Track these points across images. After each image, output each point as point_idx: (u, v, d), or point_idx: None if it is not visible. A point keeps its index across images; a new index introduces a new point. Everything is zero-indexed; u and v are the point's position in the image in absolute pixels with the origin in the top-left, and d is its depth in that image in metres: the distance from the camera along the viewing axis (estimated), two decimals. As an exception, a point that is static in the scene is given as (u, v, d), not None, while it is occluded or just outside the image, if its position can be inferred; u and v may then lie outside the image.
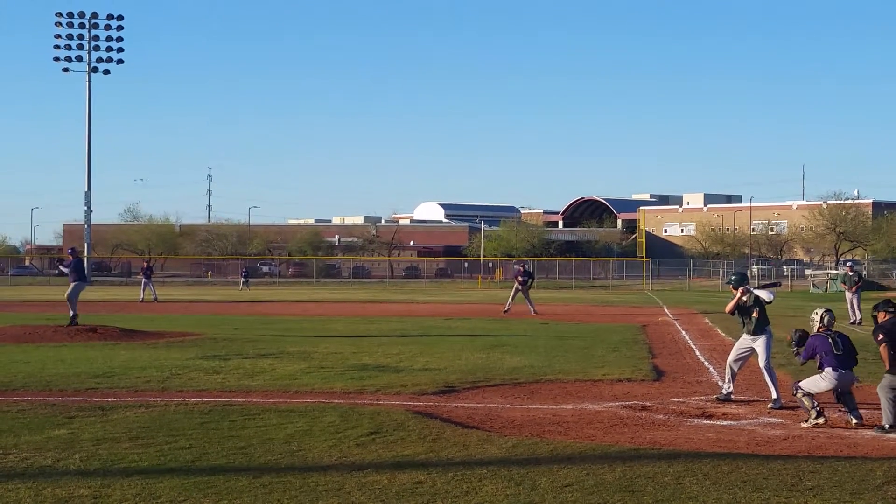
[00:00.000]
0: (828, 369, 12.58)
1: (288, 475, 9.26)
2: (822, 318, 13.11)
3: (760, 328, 14.45)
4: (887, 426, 11.90)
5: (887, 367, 12.02)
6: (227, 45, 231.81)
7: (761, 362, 14.36)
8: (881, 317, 12.47)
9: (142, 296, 48.19)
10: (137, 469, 9.44)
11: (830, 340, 12.75)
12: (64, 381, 15.59)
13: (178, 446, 10.49)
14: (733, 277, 15.06)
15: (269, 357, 19.40)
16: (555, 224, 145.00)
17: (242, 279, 71.07)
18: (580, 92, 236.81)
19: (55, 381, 15.68)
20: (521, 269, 38.16)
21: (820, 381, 12.62)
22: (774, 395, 13.97)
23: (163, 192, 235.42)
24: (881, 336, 12.11)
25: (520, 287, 37.03)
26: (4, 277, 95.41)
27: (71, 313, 25.16)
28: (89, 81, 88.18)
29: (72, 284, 25.92)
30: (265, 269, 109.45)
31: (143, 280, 49.55)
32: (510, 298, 37.52)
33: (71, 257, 27.18)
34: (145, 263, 54.69)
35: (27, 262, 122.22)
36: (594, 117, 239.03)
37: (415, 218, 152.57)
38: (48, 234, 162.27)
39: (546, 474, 9.37)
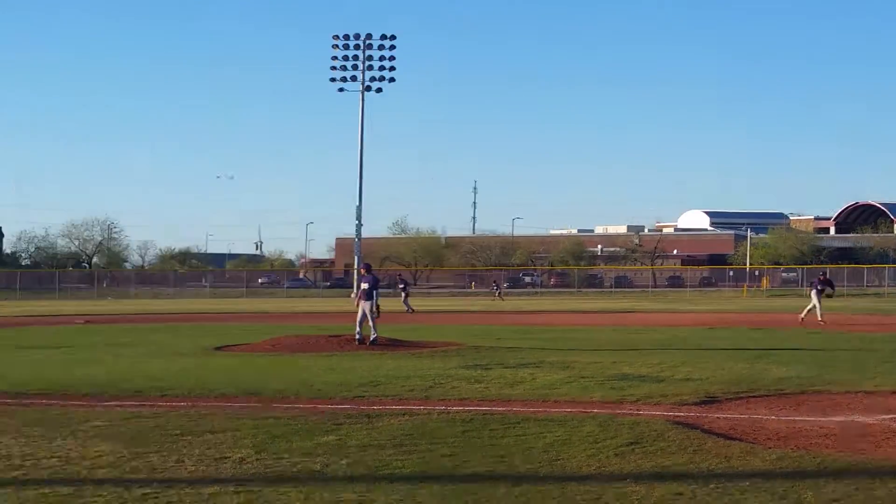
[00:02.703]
0: None
1: (546, 484, 9.29)
2: None
3: None
4: None
5: None
6: (490, 57, 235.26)
7: None
8: None
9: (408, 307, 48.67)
10: (401, 475, 9.68)
11: None
12: (333, 390, 16.17)
13: (439, 454, 10.69)
14: None
15: (529, 367, 19.52)
16: (826, 230, 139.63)
17: (495, 289, 72.58)
18: (852, 84, 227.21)
19: (325, 389, 16.30)
20: (822, 277, 36.93)
21: None
22: None
23: (429, 204, 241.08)
24: None
25: (815, 295, 35.61)
26: (280, 290, 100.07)
27: (373, 335, 24.46)
28: (363, 100, 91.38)
29: (369, 303, 24.65)
30: (527, 279, 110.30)
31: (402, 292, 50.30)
32: (815, 308, 35.59)
33: (366, 272, 25.80)
34: (399, 276, 55.79)
35: (301, 275, 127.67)
36: (869, 113, 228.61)
37: (679, 226, 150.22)
38: (321, 248, 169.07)
39: (812, 488, 9.03)
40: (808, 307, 35.77)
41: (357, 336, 24.55)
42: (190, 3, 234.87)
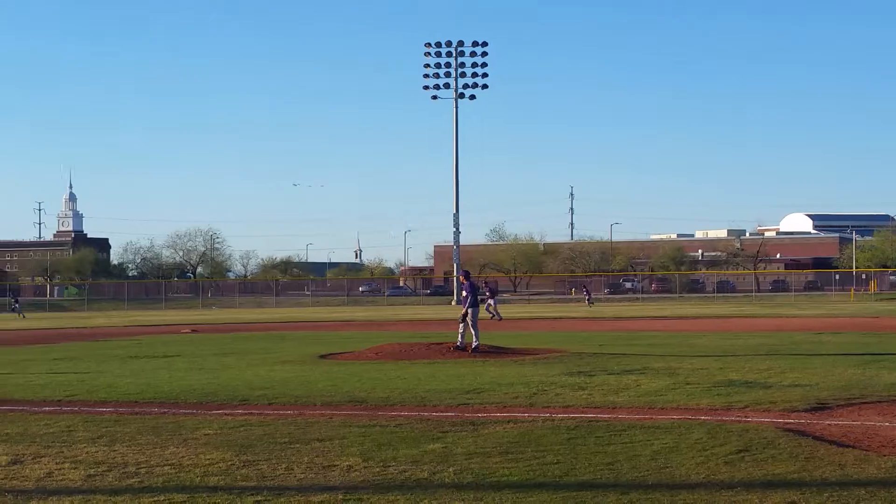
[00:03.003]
0: None
1: (655, 492, 9.20)
2: None
3: None
4: None
5: None
6: (585, 60, 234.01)
7: None
8: None
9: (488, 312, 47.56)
10: (508, 483, 9.66)
11: None
12: (437, 397, 16.22)
13: (545, 461, 10.65)
14: None
15: (633, 373, 19.36)
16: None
17: (585, 295, 72.86)
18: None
19: (429, 396, 16.35)
20: None
21: None
22: None
23: (527, 210, 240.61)
24: None
25: None
26: (381, 297, 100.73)
27: (475, 343, 24.39)
28: (456, 107, 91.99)
29: (471, 310, 24.78)
30: (628, 284, 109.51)
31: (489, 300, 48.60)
32: None
33: (465, 280, 26.06)
34: (485, 284, 55.11)
35: (401, 283, 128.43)
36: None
37: (781, 230, 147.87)
38: (420, 256, 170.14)
39: (931, 497, 8.81)
40: None
41: (459, 343, 24.62)
42: (286, 12, 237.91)
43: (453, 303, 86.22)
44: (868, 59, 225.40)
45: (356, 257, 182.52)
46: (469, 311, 24.78)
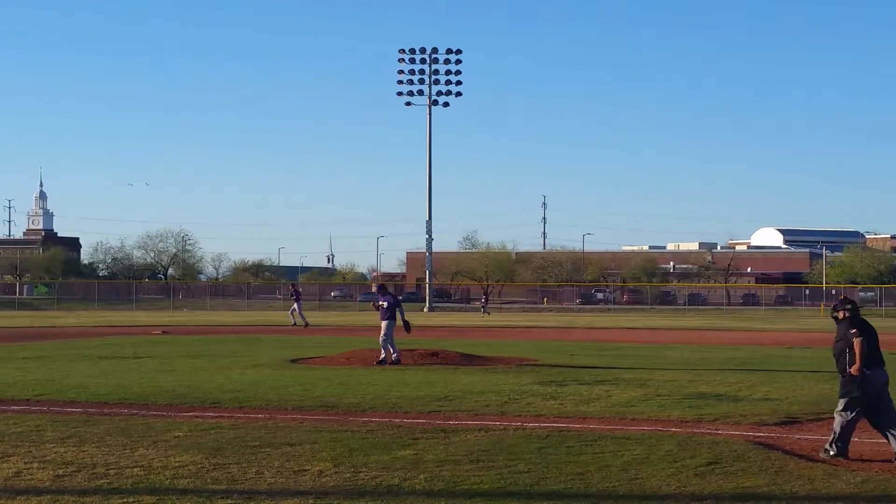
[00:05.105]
0: None
1: (626, 503, 9.22)
2: None
3: None
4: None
5: (859, 364, 11.51)
6: (560, 71, 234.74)
7: None
8: (840, 315, 11.94)
9: (293, 320, 47.33)
10: (479, 491, 9.66)
11: None
12: (408, 404, 16.21)
13: (516, 470, 10.66)
14: None
15: (604, 383, 19.41)
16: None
17: (483, 305, 73.80)
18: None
19: (400, 403, 16.35)
20: None
21: None
22: None
23: (499, 219, 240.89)
24: (855, 329, 11.63)
25: None
26: (353, 303, 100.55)
27: (394, 356, 23.66)
28: (430, 114, 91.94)
29: (385, 323, 24.05)
30: (599, 295, 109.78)
31: (294, 304, 47.93)
32: None
33: (381, 294, 25.14)
34: (292, 287, 54.51)
35: (373, 289, 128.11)
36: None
37: (752, 244, 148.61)
38: (392, 262, 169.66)
39: (899, 513, 8.87)
40: None
41: (386, 357, 23.73)
42: (262, 17, 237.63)
43: (425, 310, 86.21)
44: (839, 76, 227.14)
45: (328, 262, 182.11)
46: (383, 323, 24.02)
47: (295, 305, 48.02)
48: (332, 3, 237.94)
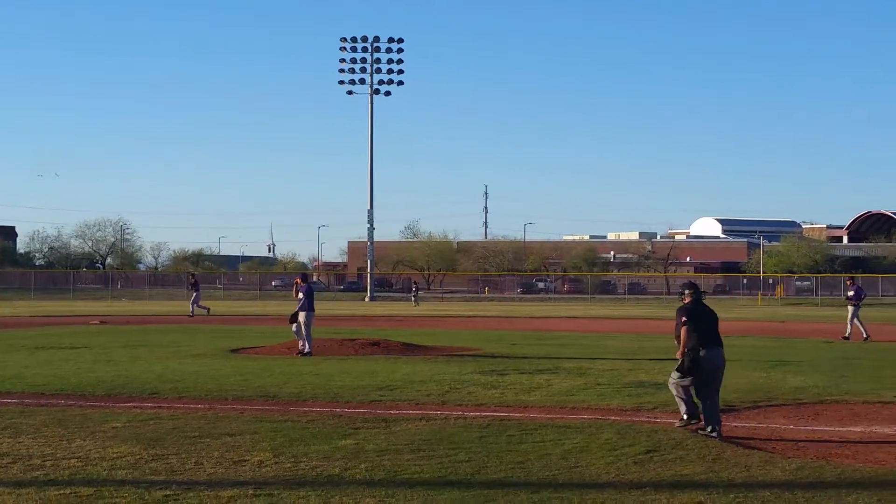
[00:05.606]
0: None
1: (566, 491, 9.28)
2: None
3: None
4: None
5: (683, 348, 12.30)
6: (502, 61, 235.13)
7: None
8: (686, 300, 12.71)
9: (192, 310, 46.91)
10: (419, 480, 9.68)
11: None
12: (349, 394, 16.19)
13: (457, 459, 10.69)
14: None
15: (545, 373, 19.51)
16: (839, 239, 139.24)
17: (413, 293, 74.11)
18: (864, 99, 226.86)
19: (341, 392, 16.32)
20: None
21: None
22: None
23: (441, 208, 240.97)
24: (684, 318, 12.30)
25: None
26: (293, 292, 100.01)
27: (306, 348, 23.46)
28: (371, 103, 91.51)
29: (303, 314, 23.91)
30: (541, 284, 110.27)
31: (194, 294, 47.63)
32: (851, 322, 32.23)
33: (302, 283, 24.85)
34: (191, 277, 54.25)
35: (314, 278, 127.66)
36: (877, 127, 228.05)
37: (691, 234, 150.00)
38: (334, 252, 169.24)
39: (833, 499, 9.01)
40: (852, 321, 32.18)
41: (303, 349, 23.56)
42: (200, 7, 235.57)
43: (367, 299, 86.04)
44: (779, 65, 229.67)
45: (269, 251, 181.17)
46: (302, 314, 23.89)
47: (195, 294, 47.69)
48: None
